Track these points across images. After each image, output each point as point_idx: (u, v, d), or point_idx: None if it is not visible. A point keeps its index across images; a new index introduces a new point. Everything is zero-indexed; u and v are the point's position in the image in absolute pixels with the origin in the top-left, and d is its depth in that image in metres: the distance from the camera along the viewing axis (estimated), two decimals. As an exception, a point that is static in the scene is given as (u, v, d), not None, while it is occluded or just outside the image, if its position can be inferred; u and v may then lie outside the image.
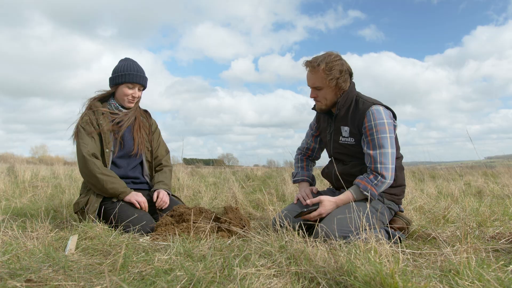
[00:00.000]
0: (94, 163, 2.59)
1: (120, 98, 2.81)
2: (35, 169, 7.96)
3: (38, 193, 4.49)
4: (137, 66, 2.80)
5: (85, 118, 2.70)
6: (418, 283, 1.36)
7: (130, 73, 2.74)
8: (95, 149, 2.66)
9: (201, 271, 1.54)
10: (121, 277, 1.51)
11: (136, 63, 2.82)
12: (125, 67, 2.76)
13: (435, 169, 8.47)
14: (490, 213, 2.78)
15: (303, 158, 2.86)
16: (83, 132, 2.66)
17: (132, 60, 2.83)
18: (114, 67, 2.83)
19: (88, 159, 2.58)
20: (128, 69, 2.74)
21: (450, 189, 4.60)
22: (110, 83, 2.83)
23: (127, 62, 2.80)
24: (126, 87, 2.76)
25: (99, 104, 2.79)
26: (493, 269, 1.50)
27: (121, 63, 2.80)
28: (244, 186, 5.32)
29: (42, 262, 1.71)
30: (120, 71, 2.75)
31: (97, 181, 2.57)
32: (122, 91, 2.78)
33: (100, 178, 2.57)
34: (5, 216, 2.48)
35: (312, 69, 2.35)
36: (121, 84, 2.76)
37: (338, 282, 1.42)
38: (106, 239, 2.12)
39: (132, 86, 2.77)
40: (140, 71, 2.79)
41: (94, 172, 2.57)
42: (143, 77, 2.81)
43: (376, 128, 2.25)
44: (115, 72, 2.78)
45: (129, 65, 2.77)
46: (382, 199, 2.37)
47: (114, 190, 2.61)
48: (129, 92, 2.77)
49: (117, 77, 2.75)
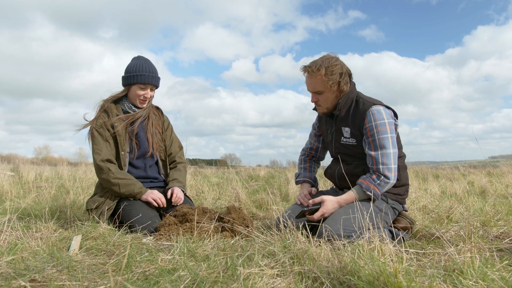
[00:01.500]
0: (109, 169, 2.59)
1: (132, 98, 2.79)
2: (39, 170, 7.99)
3: (42, 193, 4.50)
4: (150, 66, 2.75)
5: (100, 121, 2.68)
6: (422, 282, 1.36)
7: (142, 74, 2.69)
8: (109, 154, 2.65)
9: (204, 271, 1.54)
10: (124, 277, 1.52)
11: (149, 62, 2.77)
12: (137, 66, 2.71)
13: (438, 169, 8.44)
14: (494, 213, 2.77)
15: (307, 159, 2.85)
16: (97, 137, 2.65)
17: (145, 59, 2.78)
18: (127, 65, 2.78)
19: (102, 165, 2.59)
20: (140, 69, 2.70)
21: (453, 188, 4.58)
22: (123, 82, 2.78)
23: (139, 61, 2.75)
24: (138, 88, 2.73)
25: (112, 106, 2.76)
26: (497, 269, 1.49)
27: (133, 62, 2.76)
28: (247, 186, 5.32)
29: (46, 262, 1.71)
30: (132, 71, 2.71)
31: (112, 186, 2.58)
32: (134, 92, 2.75)
33: (114, 182, 2.58)
34: (9, 216, 2.49)
35: (312, 74, 2.33)
36: (133, 85, 2.73)
37: (342, 282, 1.42)
38: (110, 239, 2.13)
39: (144, 86, 2.73)
40: (152, 71, 2.74)
41: (108, 178, 2.57)
42: (155, 77, 2.77)
43: (376, 128, 2.25)
44: (127, 71, 2.74)
45: (141, 64, 2.72)
46: (386, 199, 2.36)
47: (129, 192, 2.61)
48: (141, 92, 2.74)
49: (129, 77, 2.71)
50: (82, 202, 3.81)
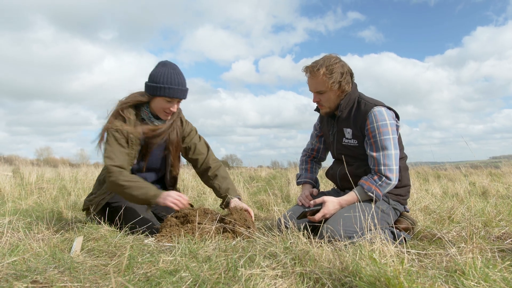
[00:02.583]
0: (120, 172, 2.37)
1: (156, 109, 2.52)
2: (40, 171, 8.00)
3: (44, 195, 4.51)
4: (179, 77, 2.46)
5: (116, 123, 2.44)
6: (424, 283, 1.35)
7: (170, 87, 2.42)
8: (123, 160, 2.43)
9: (206, 272, 1.54)
10: (126, 278, 1.52)
11: (177, 71, 2.47)
12: (165, 77, 2.41)
13: (439, 169, 8.43)
14: (495, 213, 2.76)
15: (308, 160, 2.85)
16: (111, 140, 2.42)
17: (173, 67, 2.48)
18: (153, 72, 2.48)
19: (113, 169, 2.37)
20: (169, 81, 2.41)
21: (455, 189, 4.58)
22: (147, 89, 2.49)
23: (167, 70, 2.44)
24: (164, 100, 2.46)
25: (132, 113, 2.50)
26: (499, 269, 1.49)
27: (160, 70, 2.45)
28: (249, 187, 5.32)
29: (48, 264, 1.72)
30: (159, 81, 2.42)
31: (124, 189, 2.34)
32: (159, 103, 2.48)
33: (126, 185, 2.34)
34: (11, 217, 2.50)
35: (313, 74, 2.32)
36: (159, 96, 2.46)
37: (343, 283, 1.42)
38: (111, 241, 2.13)
39: (171, 100, 2.46)
40: (181, 84, 2.46)
41: (118, 181, 2.34)
42: (184, 91, 2.49)
43: (378, 130, 2.24)
44: (154, 80, 2.44)
45: (170, 75, 2.43)
46: (388, 199, 2.36)
47: (144, 195, 2.35)
48: (167, 106, 2.47)
49: (156, 88, 2.43)
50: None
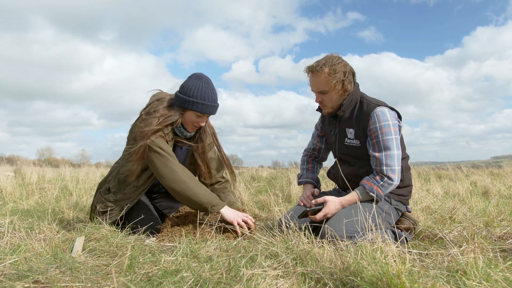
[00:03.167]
0: (184, 169, 2.38)
1: (184, 122, 2.51)
2: (42, 171, 8.02)
3: (45, 195, 4.52)
4: (212, 93, 2.44)
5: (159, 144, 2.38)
6: (425, 283, 1.35)
7: (203, 103, 2.40)
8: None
9: (207, 272, 1.54)
10: (128, 278, 1.52)
11: (211, 86, 2.45)
12: (199, 92, 2.39)
13: (441, 169, 8.42)
14: (497, 213, 2.76)
15: (309, 159, 2.85)
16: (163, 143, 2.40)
17: (207, 81, 2.45)
18: (186, 84, 2.45)
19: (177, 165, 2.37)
20: (202, 97, 2.39)
21: (456, 189, 4.58)
22: (178, 102, 2.45)
23: (201, 85, 2.41)
24: (194, 114, 2.45)
25: (170, 130, 2.48)
26: (501, 269, 1.48)
27: (194, 84, 2.41)
28: (250, 187, 5.32)
29: (49, 264, 1.72)
30: (193, 95, 2.39)
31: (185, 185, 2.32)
32: (189, 117, 2.46)
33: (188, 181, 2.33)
34: (12, 218, 2.50)
35: (316, 74, 2.31)
36: (190, 110, 2.44)
37: (345, 283, 1.42)
38: (113, 241, 2.13)
39: (201, 115, 2.46)
40: (213, 100, 2.44)
41: (183, 176, 2.33)
42: (216, 107, 2.49)
43: (381, 130, 2.24)
44: (187, 94, 2.40)
45: (204, 90, 2.40)
46: (390, 200, 2.36)
47: (206, 198, 2.33)
48: (196, 120, 2.47)
49: (188, 102, 2.39)
50: (85, 203, 3.82)
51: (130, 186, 2.51)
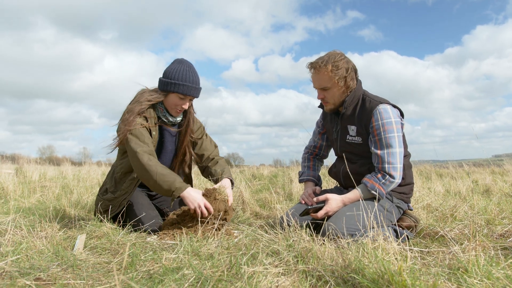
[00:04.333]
0: (149, 158, 2.35)
1: (168, 106, 2.57)
2: (43, 170, 8.02)
3: (46, 193, 4.52)
4: (193, 75, 2.51)
5: (139, 121, 2.46)
6: (427, 281, 1.35)
7: (184, 84, 2.46)
8: (152, 148, 2.45)
9: (208, 269, 1.55)
10: (129, 276, 1.52)
11: (192, 69, 2.53)
12: (180, 74, 2.47)
13: (442, 167, 8.41)
14: (498, 211, 2.76)
15: (310, 157, 2.85)
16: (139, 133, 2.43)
17: (188, 64, 2.53)
18: (168, 68, 2.54)
19: (144, 154, 2.34)
20: (183, 79, 2.46)
21: (457, 187, 4.57)
22: (161, 86, 2.54)
23: (182, 67, 2.50)
24: (177, 97, 2.51)
25: (152, 113, 2.54)
26: (502, 267, 1.48)
27: (176, 67, 2.50)
28: (251, 185, 5.32)
29: (51, 261, 1.72)
30: (174, 77, 2.47)
31: (150, 173, 2.29)
32: (172, 100, 2.53)
33: (153, 170, 2.30)
34: (14, 215, 2.51)
35: (318, 70, 2.31)
36: (172, 93, 2.51)
37: (346, 280, 1.42)
38: (114, 238, 2.14)
39: (184, 97, 2.51)
40: (195, 82, 2.51)
41: (147, 166, 2.30)
42: (198, 89, 2.55)
43: (383, 127, 2.24)
44: (168, 76, 2.49)
45: (185, 72, 2.48)
46: (391, 197, 2.36)
47: (169, 183, 2.29)
48: (179, 102, 2.53)
49: (170, 84, 2.47)
50: (86, 201, 3.83)
51: (127, 181, 2.54)
